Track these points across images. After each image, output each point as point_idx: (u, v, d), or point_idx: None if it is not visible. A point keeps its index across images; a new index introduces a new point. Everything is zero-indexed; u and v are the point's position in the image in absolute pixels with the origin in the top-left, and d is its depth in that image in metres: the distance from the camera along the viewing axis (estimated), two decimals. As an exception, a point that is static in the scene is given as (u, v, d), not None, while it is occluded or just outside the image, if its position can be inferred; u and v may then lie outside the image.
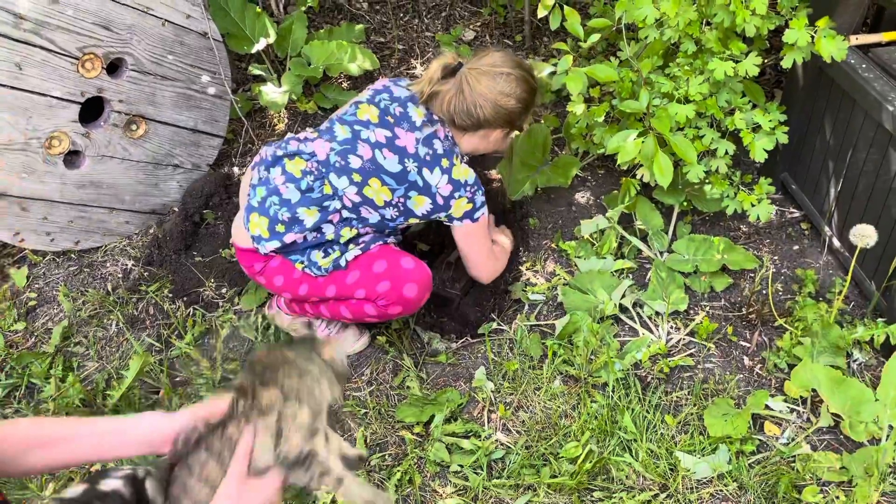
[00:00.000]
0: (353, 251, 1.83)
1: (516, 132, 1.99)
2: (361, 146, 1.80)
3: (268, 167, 1.87)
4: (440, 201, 1.81)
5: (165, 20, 2.20)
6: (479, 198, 1.85)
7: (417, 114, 1.83)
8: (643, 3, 1.92)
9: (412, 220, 1.88)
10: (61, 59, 2.03)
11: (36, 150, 2.09)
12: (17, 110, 2.01)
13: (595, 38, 2.10)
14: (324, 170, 1.82)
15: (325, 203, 1.82)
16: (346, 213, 1.84)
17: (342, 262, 1.83)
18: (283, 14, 2.82)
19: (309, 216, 1.81)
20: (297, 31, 2.72)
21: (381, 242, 1.88)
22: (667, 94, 2.01)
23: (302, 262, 1.84)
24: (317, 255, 1.84)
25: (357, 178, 1.79)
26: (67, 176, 2.19)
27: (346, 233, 1.84)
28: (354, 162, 1.79)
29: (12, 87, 1.98)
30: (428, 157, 1.79)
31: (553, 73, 2.23)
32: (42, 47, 1.99)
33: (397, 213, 1.85)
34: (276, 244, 1.83)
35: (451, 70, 1.79)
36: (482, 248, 1.95)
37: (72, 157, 2.20)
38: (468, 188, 1.82)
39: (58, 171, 2.16)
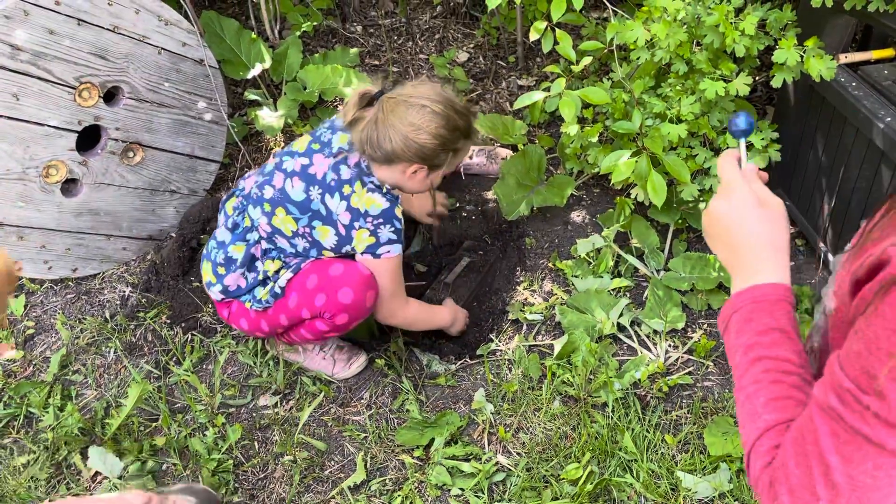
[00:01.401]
0: (286, 275, 1.82)
1: (440, 173, 1.79)
2: (277, 176, 1.80)
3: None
4: (342, 231, 1.75)
5: (161, 48, 2.22)
6: (386, 233, 1.74)
7: (340, 140, 1.78)
8: (634, 25, 1.94)
9: (327, 253, 1.82)
10: (58, 89, 2.05)
11: (33, 178, 2.10)
12: (14, 140, 2.02)
13: (587, 60, 2.12)
14: (245, 203, 1.85)
15: (247, 236, 1.85)
16: (264, 245, 1.84)
17: (278, 290, 1.82)
18: (278, 39, 2.85)
19: (237, 251, 1.84)
20: (292, 55, 2.74)
21: (312, 258, 1.84)
22: (659, 114, 2.03)
23: (249, 301, 1.86)
24: (259, 291, 1.85)
25: (267, 207, 1.80)
26: (65, 204, 2.20)
27: (270, 265, 1.84)
28: (267, 192, 1.80)
29: (9, 118, 1.99)
30: (332, 183, 1.74)
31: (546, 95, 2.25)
32: (39, 77, 2.00)
33: (308, 245, 1.81)
34: (219, 287, 1.86)
35: (370, 99, 1.71)
36: (385, 287, 1.82)
37: (69, 186, 2.21)
38: (370, 219, 1.71)
39: (55, 200, 2.17)
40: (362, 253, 1.77)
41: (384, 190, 1.75)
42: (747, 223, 0.86)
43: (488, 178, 2.55)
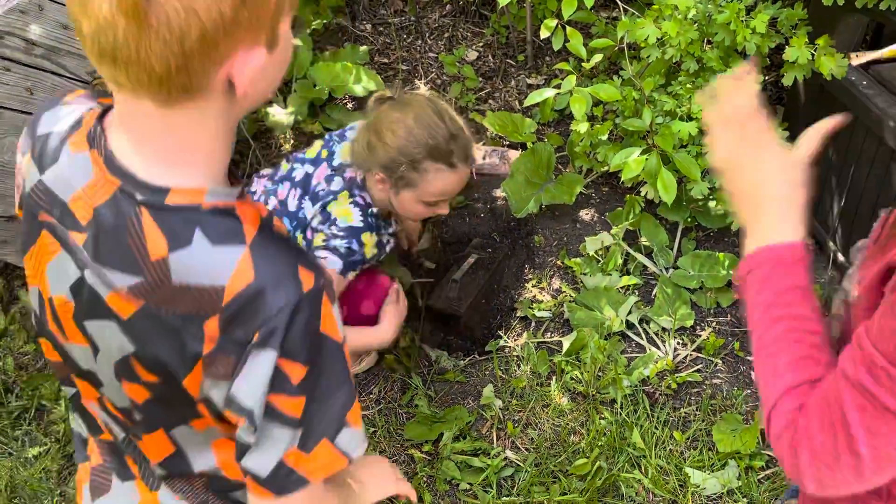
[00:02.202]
0: None
1: (411, 197, 1.68)
2: (283, 186, 1.77)
3: None
4: (310, 235, 1.68)
5: (174, 44, 2.24)
6: (338, 244, 1.64)
7: (344, 152, 1.74)
8: (645, 23, 1.95)
9: None
10: (72, 84, 2.06)
11: (46, 173, 2.12)
12: (28, 134, 2.04)
13: (598, 58, 2.13)
14: None
15: None
16: None
17: None
18: (288, 37, 2.87)
19: None
20: (302, 53, 2.75)
21: None
22: (669, 111, 2.03)
23: None
24: None
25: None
26: (77, 198, 2.21)
27: None
28: (270, 203, 1.77)
29: (24, 112, 2.01)
30: (321, 192, 1.70)
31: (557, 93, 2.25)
32: (53, 72, 2.02)
33: None
34: None
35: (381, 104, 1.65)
36: None
37: (81, 180, 2.23)
38: (334, 227, 1.63)
39: (68, 194, 2.19)
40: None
41: (368, 211, 1.68)
42: (776, 185, 0.84)
43: (499, 178, 2.56)
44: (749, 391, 1.93)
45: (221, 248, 0.75)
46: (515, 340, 2.11)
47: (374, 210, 1.70)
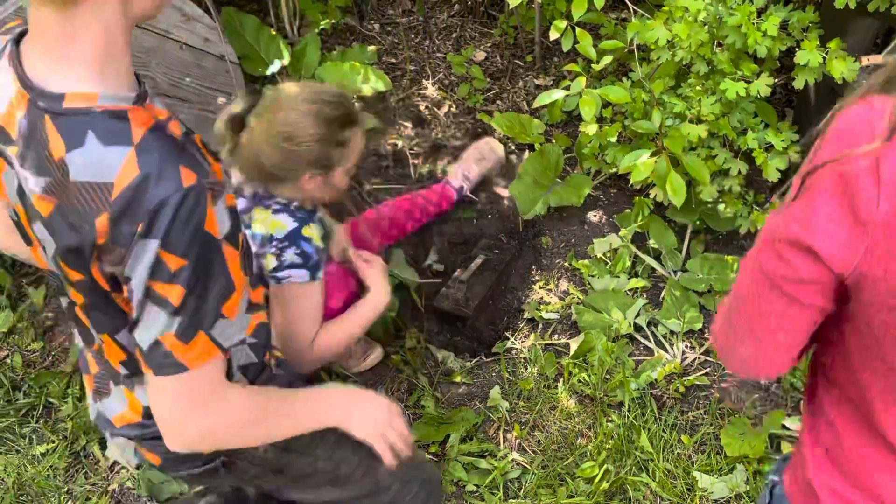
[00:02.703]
0: None
1: (341, 171, 1.60)
2: None
3: None
4: (262, 262, 1.60)
5: (184, 44, 2.24)
6: (290, 257, 1.58)
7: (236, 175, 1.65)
8: (655, 25, 1.94)
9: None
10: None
11: (55, 171, 2.12)
12: (37, 132, 2.04)
13: (607, 59, 2.12)
14: None
15: None
16: None
17: None
18: (297, 36, 2.86)
19: None
20: (310, 53, 2.75)
21: None
22: (679, 114, 2.02)
23: None
24: None
25: None
26: (86, 197, 2.22)
27: None
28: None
29: (33, 110, 2.01)
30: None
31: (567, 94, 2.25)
32: (63, 71, 2.02)
33: None
34: None
35: (239, 121, 1.53)
36: (286, 322, 1.61)
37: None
38: (275, 242, 1.58)
39: (76, 192, 2.19)
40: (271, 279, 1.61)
41: (292, 208, 1.60)
42: None
43: (506, 177, 2.55)
44: (757, 395, 1.93)
45: (111, 148, 0.83)
46: (522, 342, 2.10)
47: (295, 203, 1.62)
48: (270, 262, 1.58)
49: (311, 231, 1.60)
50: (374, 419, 1.17)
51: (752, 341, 0.81)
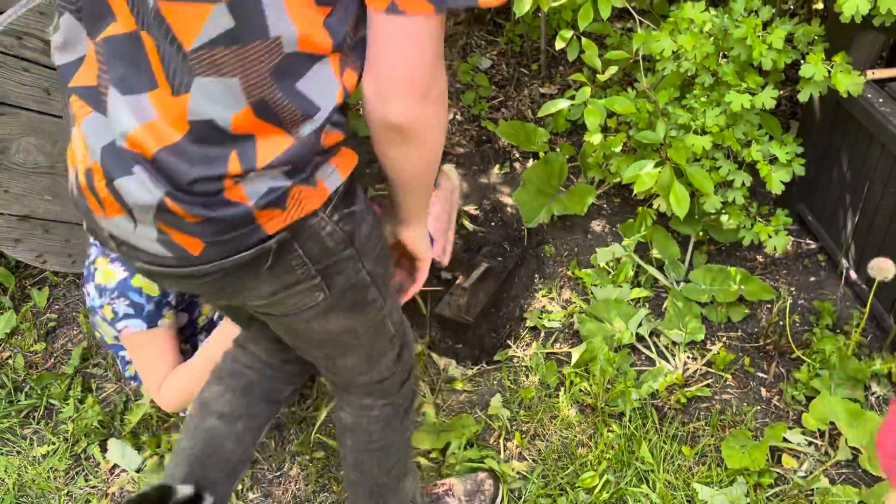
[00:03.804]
0: None
1: None
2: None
3: None
4: (102, 314, 1.64)
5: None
6: (122, 307, 1.59)
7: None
8: (661, 36, 1.95)
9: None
10: (89, 85, 2.08)
11: (61, 173, 2.13)
12: (43, 134, 2.05)
13: (613, 69, 2.13)
14: None
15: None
16: None
17: None
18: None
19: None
20: (317, 58, 2.76)
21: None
22: (684, 125, 2.03)
23: None
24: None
25: (98, 332, 1.78)
26: (91, 199, 2.23)
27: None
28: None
29: (40, 112, 2.02)
30: (87, 270, 1.66)
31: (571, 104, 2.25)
32: (70, 74, 2.03)
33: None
34: None
35: None
36: (136, 363, 1.66)
37: (95, 181, 2.24)
38: (107, 293, 1.59)
39: (81, 194, 2.20)
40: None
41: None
42: None
43: (510, 184, 2.55)
44: (758, 407, 1.92)
45: None
46: (524, 350, 2.10)
47: None
48: (108, 312, 1.58)
49: (142, 280, 1.58)
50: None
51: None
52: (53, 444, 1.94)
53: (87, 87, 0.93)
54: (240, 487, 1.83)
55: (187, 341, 1.82)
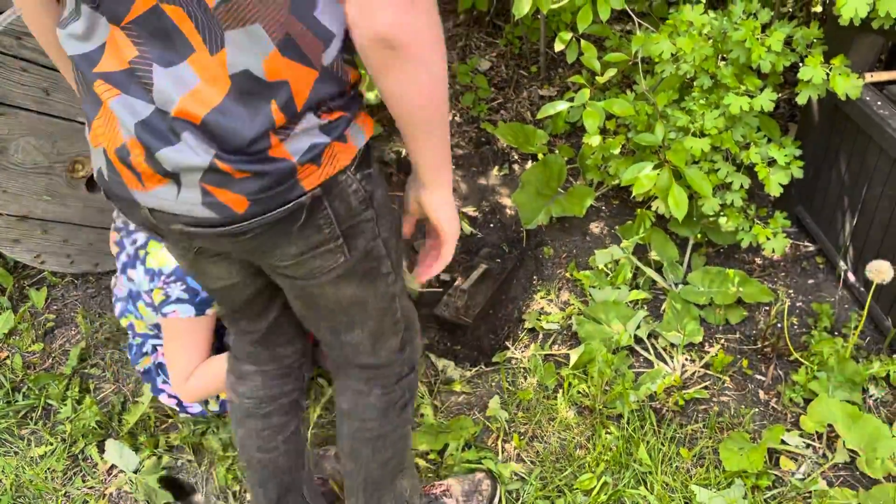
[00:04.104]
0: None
1: None
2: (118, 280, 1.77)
3: None
4: (147, 298, 1.64)
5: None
6: (177, 291, 1.59)
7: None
8: (660, 39, 1.95)
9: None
10: (88, 86, 2.08)
11: (59, 173, 2.13)
12: (42, 135, 2.05)
13: (612, 72, 2.13)
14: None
15: (144, 348, 1.82)
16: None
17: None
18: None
19: (148, 363, 1.83)
20: (316, 59, 2.76)
21: None
22: (682, 127, 2.03)
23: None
24: (213, 405, 1.83)
25: (125, 321, 1.79)
26: (89, 199, 2.22)
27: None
28: (118, 308, 1.78)
29: (39, 112, 2.02)
30: (130, 256, 1.66)
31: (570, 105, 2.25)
32: (69, 74, 2.03)
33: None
34: (165, 397, 1.82)
35: None
36: (167, 353, 1.68)
37: (94, 182, 2.24)
38: (163, 277, 1.60)
39: (80, 195, 2.20)
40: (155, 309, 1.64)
41: None
42: None
43: (510, 185, 2.55)
44: (756, 410, 1.92)
45: None
46: (523, 352, 2.10)
47: None
48: (158, 296, 1.59)
49: None
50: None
51: None
52: (51, 444, 1.94)
53: (115, 71, 0.97)
54: (237, 488, 1.83)
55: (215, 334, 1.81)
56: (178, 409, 1.82)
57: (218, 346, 1.77)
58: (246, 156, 0.95)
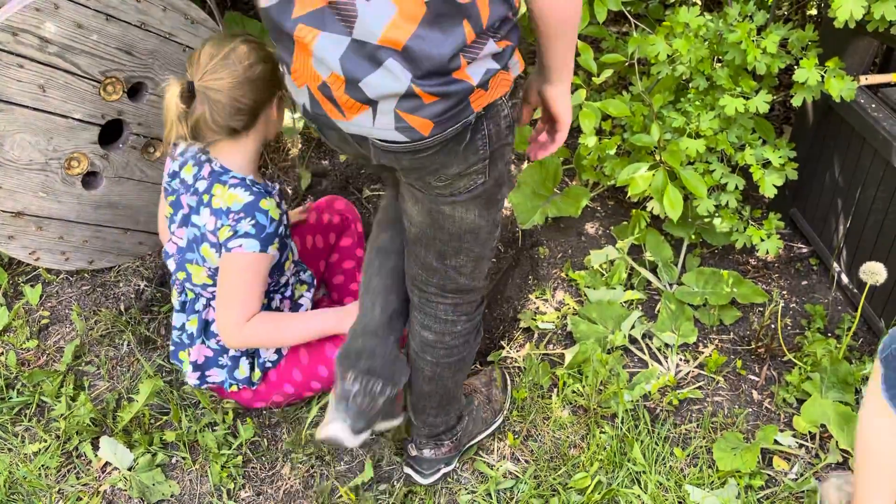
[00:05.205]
0: (270, 354, 1.83)
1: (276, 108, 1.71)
2: (175, 231, 1.79)
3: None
4: (212, 238, 1.65)
5: (186, 46, 2.25)
6: (245, 227, 1.60)
7: (186, 172, 1.73)
8: (656, 40, 1.96)
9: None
10: (84, 83, 2.07)
11: (55, 170, 2.12)
12: (38, 131, 2.05)
13: (608, 72, 2.14)
14: (174, 269, 1.80)
15: (195, 306, 1.81)
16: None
17: (269, 364, 1.84)
18: (299, 41, 2.88)
19: (192, 326, 1.82)
20: (313, 58, 2.76)
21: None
22: (678, 128, 2.04)
23: (233, 384, 1.84)
24: (241, 372, 1.82)
25: (182, 273, 1.77)
26: (85, 196, 2.22)
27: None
28: (171, 248, 1.80)
29: (35, 109, 2.02)
30: (195, 203, 1.69)
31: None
32: (66, 70, 2.03)
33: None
34: (191, 369, 1.83)
35: (187, 95, 1.56)
36: (221, 291, 1.66)
37: (90, 178, 2.23)
38: (231, 215, 1.61)
39: (75, 192, 2.19)
40: (219, 248, 1.65)
41: (247, 182, 1.65)
42: None
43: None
44: (750, 410, 1.93)
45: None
46: (518, 351, 2.11)
47: (251, 177, 1.68)
48: (224, 233, 1.62)
49: (268, 203, 1.64)
50: None
51: None
52: (45, 441, 1.93)
53: (311, 11, 1.09)
54: (231, 486, 1.83)
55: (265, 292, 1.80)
56: (197, 381, 1.84)
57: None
58: (438, 77, 1.07)
